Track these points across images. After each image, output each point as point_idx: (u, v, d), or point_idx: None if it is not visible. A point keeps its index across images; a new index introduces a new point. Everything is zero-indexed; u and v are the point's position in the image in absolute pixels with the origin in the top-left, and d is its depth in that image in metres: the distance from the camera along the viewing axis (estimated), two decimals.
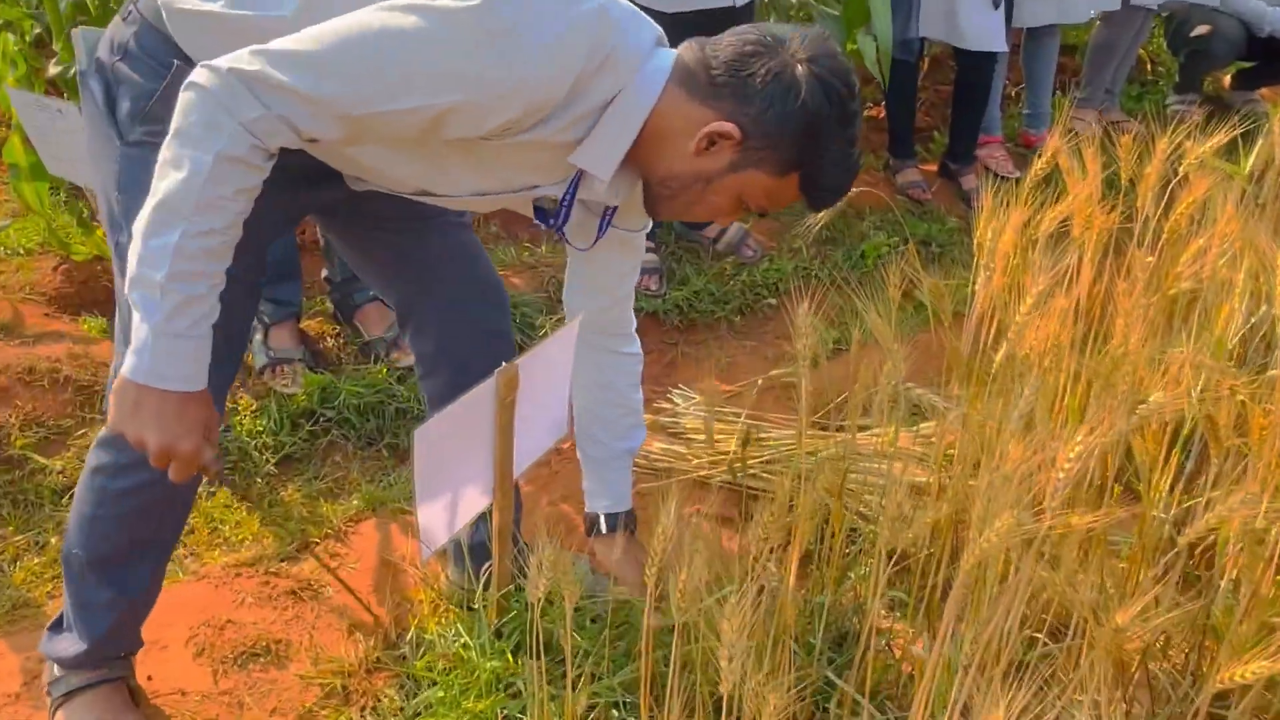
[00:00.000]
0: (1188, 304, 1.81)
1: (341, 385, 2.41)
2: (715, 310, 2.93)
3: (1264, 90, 4.59)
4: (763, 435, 2.25)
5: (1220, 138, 1.83)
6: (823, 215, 2.21)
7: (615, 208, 1.45)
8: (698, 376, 2.67)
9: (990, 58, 3.38)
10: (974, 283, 1.70)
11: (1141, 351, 1.25)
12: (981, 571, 1.16)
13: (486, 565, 1.71)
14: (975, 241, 1.69)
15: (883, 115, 3.95)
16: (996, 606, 1.09)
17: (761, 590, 1.15)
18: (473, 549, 1.78)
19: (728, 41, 1.27)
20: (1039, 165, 1.64)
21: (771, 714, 0.96)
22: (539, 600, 1.37)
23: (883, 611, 1.89)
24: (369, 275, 1.72)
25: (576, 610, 1.67)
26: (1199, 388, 1.41)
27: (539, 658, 1.37)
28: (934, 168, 3.79)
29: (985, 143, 3.72)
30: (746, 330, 2.94)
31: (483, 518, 1.72)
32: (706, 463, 2.20)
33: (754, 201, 1.33)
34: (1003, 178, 3.55)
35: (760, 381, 2.56)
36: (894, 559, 1.96)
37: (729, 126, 1.25)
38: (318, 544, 2.03)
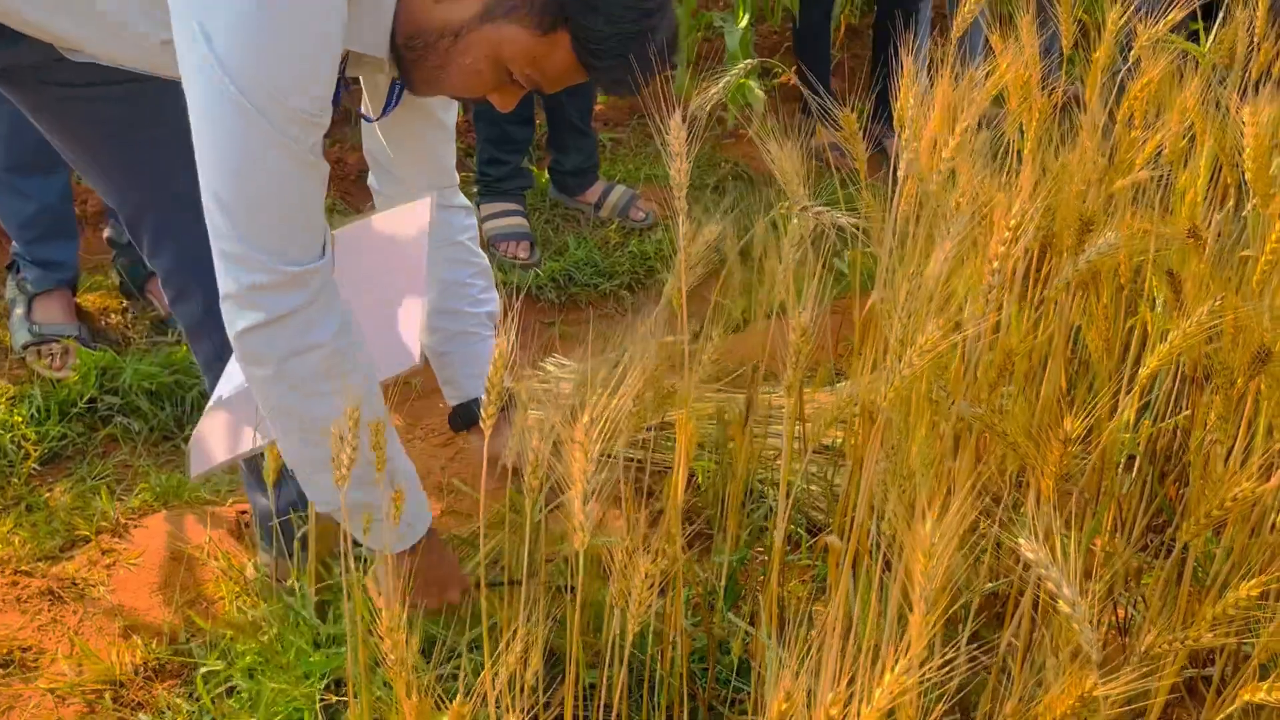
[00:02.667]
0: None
1: (128, 365, 2.27)
2: (600, 284, 2.88)
3: None
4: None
5: (1178, 13, 1.87)
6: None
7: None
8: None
9: None
10: (894, 167, 1.69)
11: (1091, 175, 1.23)
12: (904, 414, 1.10)
13: (304, 529, 1.60)
14: (895, 115, 1.68)
15: (794, 82, 4.01)
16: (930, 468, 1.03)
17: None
18: (286, 525, 1.66)
19: None
20: (961, 16, 1.64)
21: (642, 583, 0.88)
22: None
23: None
24: (83, 166, 1.61)
25: None
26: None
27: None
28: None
29: None
30: (638, 307, 2.88)
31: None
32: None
33: (518, 68, 1.25)
34: None
35: (651, 347, 2.50)
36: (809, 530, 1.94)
37: None
38: (88, 541, 1.87)
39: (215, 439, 1.31)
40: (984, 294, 0.96)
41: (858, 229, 1.44)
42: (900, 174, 1.68)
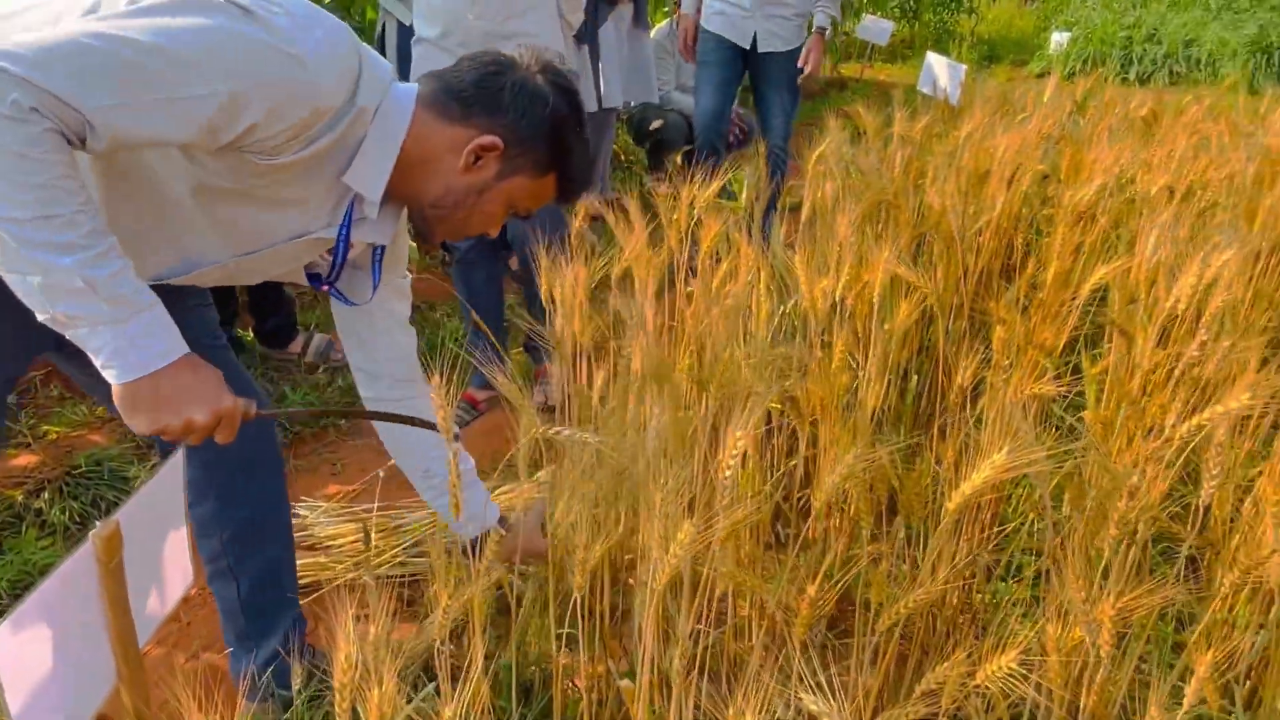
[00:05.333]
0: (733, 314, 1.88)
1: None
2: (319, 419, 2.58)
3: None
4: (399, 524, 1.97)
5: (717, 184, 1.94)
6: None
7: (383, 251, 1.32)
8: (316, 485, 2.32)
9: None
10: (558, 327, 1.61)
11: (725, 354, 1.22)
12: (671, 586, 1.03)
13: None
14: (544, 294, 1.61)
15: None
16: (689, 616, 0.97)
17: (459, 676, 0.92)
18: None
19: (467, 66, 1.24)
20: (579, 219, 1.60)
21: None
22: None
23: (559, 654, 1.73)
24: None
25: None
26: (777, 376, 1.43)
27: None
28: None
29: None
30: (354, 431, 2.62)
31: None
32: (351, 565, 1.87)
33: (521, 204, 1.29)
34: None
35: (381, 473, 2.27)
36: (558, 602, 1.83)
37: (492, 139, 1.21)
38: None
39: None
40: (722, 494, 0.91)
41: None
42: (554, 344, 1.61)
